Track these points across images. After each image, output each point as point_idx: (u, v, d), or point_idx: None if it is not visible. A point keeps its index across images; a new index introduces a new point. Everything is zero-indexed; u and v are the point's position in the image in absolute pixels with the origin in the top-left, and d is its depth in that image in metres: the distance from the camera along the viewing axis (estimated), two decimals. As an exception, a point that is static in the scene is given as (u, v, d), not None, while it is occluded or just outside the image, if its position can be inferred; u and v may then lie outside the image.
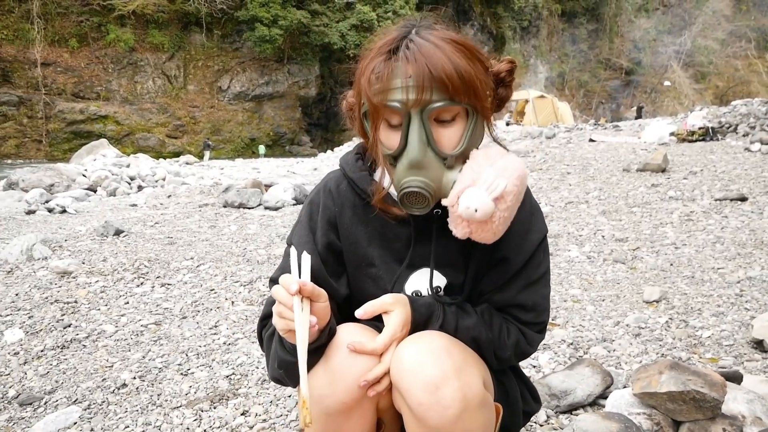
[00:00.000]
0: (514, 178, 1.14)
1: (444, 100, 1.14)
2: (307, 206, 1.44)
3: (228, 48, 41.83)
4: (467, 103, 1.16)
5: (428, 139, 1.16)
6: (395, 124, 1.20)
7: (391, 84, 1.14)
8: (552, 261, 3.99)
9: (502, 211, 1.14)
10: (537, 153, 10.02)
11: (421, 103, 1.13)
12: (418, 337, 1.25)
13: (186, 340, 2.82)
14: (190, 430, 1.98)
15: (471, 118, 1.20)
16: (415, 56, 1.13)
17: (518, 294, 1.34)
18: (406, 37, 1.17)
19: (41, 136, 35.35)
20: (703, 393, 1.58)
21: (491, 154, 1.19)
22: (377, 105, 1.17)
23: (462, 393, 1.14)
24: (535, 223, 1.35)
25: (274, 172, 14.99)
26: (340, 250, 1.39)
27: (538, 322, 1.38)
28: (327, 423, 1.25)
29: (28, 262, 4.24)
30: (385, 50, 1.17)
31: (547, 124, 22.47)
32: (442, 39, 1.16)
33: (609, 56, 59.92)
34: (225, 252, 4.54)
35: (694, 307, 2.97)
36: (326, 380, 1.21)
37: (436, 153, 1.17)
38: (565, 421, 1.91)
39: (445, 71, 1.12)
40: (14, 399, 2.27)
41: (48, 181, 10.61)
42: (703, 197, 5.68)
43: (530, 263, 1.33)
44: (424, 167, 1.17)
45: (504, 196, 1.13)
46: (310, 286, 1.11)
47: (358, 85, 1.22)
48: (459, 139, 1.19)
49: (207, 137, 36.96)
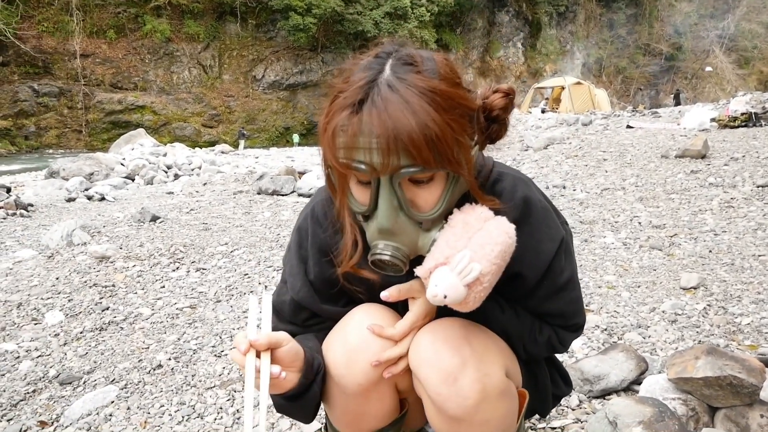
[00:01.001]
0: (493, 257, 1.05)
1: (414, 166, 1.00)
2: (296, 233, 1.36)
3: (262, 37, 42.01)
4: (440, 169, 1.03)
5: (400, 204, 1.05)
6: (365, 182, 1.07)
7: (357, 142, 0.99)
8: (587, 247, 3.94)
9: (477, 293, 1.06)
10: (573, 140, 9.88)
11: (389, 169, 1.00)
12: (437, 324, 1.21)
13: (220, 323, 2.86)
14: (223, 409, 2.01)
15: (451, 177, 1.07)
16: (380, 115, 0.97)
17: (542, 303, 1.27)
18: (374, 85, 1.01)
19: (81, 126, 36.04)
20: (740, 378, 1.54)
21: (470, 222, 1.08)
22: (342, 166, 1.03)
23: (481, 384, 1.12)
24: (546, 231, 1.23)
25: (308, 161, 15.06)
26: (336, 279, 1.28)
27: (570, 325, 1.32)
28: (347, 404, 1.25)
29: (68, 247, 4.34)
30: (350, 102, 1.01)
31: (584, 111, 22.13)
32: (415, 90, 0.99)
33: (648, 41, 58.60)
34: (259, 238, 4.59)
35: (733, 294, 2.90)
36: (344, 361, 1.21)
37: (409, 217, 1.07)
38: (598, 406, 1.89)
39: (412, 139, 0.97)
40: (55, 378, 2.33)
41: (88, 170, 10.84)
42: (745, 184, 5.53)
43: (550, 273, 1.23)
44: (396, 233, 1.07)
45: (480, 279, 1.04)
46: (264, 341, 1.05)
47: (322, 142, 1.06)
48: (437, 200, 1.08)
49: (242, 126, 37.26)
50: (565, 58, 52.97)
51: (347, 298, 1.36)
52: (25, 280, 3.54)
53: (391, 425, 1.35)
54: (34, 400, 2.18)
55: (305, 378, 1.16)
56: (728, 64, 56.67)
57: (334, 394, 1.24)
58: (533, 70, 49.40)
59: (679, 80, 56.70)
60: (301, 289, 1.32)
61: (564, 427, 1.78)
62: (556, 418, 1.83)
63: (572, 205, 5.30)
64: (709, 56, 56.95)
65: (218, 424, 1.91)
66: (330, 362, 1.23)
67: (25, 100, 34.62)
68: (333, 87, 1.08)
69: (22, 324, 2.89)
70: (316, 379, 1.19)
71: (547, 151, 8.91)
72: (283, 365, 1.09)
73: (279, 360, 1.09)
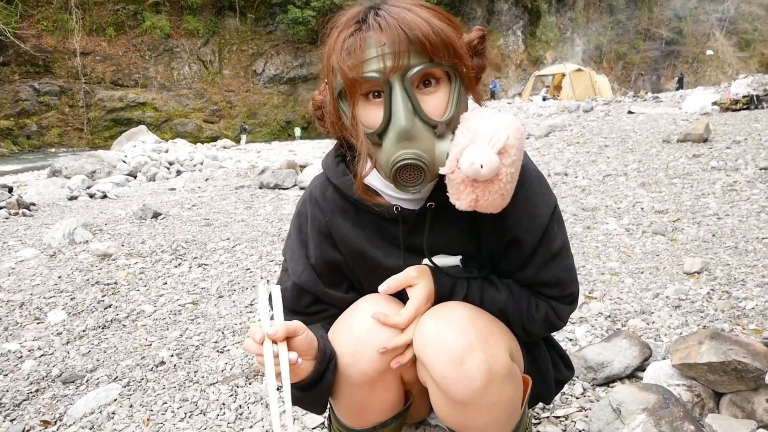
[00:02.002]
0: (514, 130, 1.06)
1: (424, 62, 1.06)
2: (296, 218, 1.38)
3: (262, 31, 41.94)
4: (448, 63, 1.08)
5: (414, 107, 1.07)
6: (375, 99, 1.10)
7: (365, 55, 1.05)
8: (589, 234, 3.92)
9: (507, 167, 1.05)
10: (574, 127, 9.84)
11: (400, 69, 1.05)
12: (441, 308, 1.22)
13: (222, 318, 2.85)
14: (225, 405, 2.00)
15: (454, 82, 1.12)
16: (387, 21, 1.05)
17: (539, 271, 1.27)
18: (371, 9, 1.09)
19: (82, 124, 36.07)
20: (745, 363, 1.53)
21: (483, 114, 1.10)
22: (353, 80, 1.07)
23: (487, 365, 1.12)
24: (541, 197, 1.25)
25: (310, 154, 15.04)
26: (337, 260, 1.33)
27: (566, 295, 1.32)
28: (352, 393, 1.25)
29: (70, 245, 4.34)
30: (352, 22, 1.08)
31: (585, 97, 22.06)
32: (412, 3, 1.09)
33: (648, 26, 58.26)
34: (260, 232, 4.58)
35: (737, 278, 2.89)
36: (350, 350, 1.21)
37: (424, 121, 1.08)
38: (601, 394, 1.88)
39: (422, 31, 1.04)
40: (57, 377, 2.33)
41: (90, 168, 10.84)
42: (747, 166, 5.50)
43: (545, 239, 1.25)
44: (415, 138, 1.07)
45: (507, 149, 1.05)
46: (281, 330, 1.05)
47: (328, 65, 1.12)
48: (446, 105, 1.11)
49: (243, 121, 37.28)
50: (566, 45, 52.73)
51: (348, 283, 1.37)
52: (28, 280, 3.54)
53: (395, 417, 1.35)
54: (37, 399, 2.18)
55: (320, 365, 1.17)
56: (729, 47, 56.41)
57: (340, 383, 1.24)
58: (534, 58, 49.17)
59: (680, 64, 56.43)
60: (303, 272, 1.33)
61: (568, 415, 1.77)
62: (560, 406, 1.82)
63: (574, 192, 5.28)
64: (710, 39, 56.68)
65: (221, 420, 1.91)
66: (336, 352, 1.23)
67: (27, 99, 34.66)
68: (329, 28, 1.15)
69: (25, 323, 2.89)
70: (329, 367, 1.20)
71: (549, 138, 8.88)
72: (298, 353, 1.09)
73: (295, 349, 1.09)
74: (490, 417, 1.17)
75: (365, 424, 1.33)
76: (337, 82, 1.12)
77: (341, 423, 1.36)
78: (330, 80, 1.15)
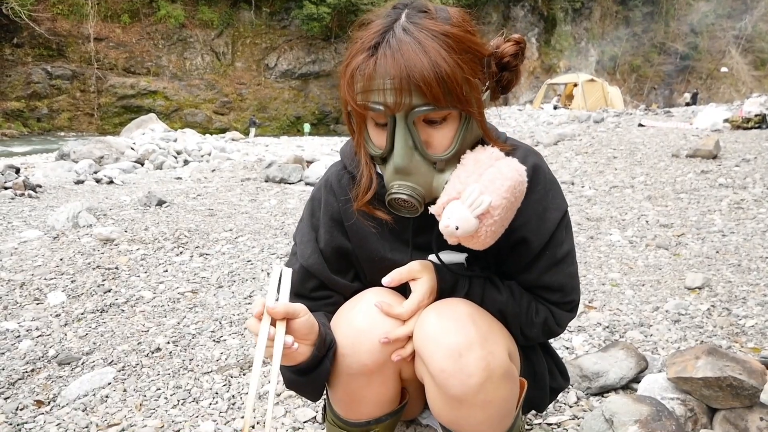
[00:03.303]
0: (503, 191, 1.07)
1: (427, 104, 1.05)
2: (309, 203, 1.41)
3: (276, 26, 42.00)
4: (451, 107, 1.07)
5: (415, 144, 1.09)
6: (381, 124, 1.12)
7: (373, 84, 1.06)
8: (593, 244, 3.91)
9: (488, 226, 1.08)
10: (583, 137, 9.82)
11: (403, 107, 1.05)
12: (443, 304, 1.22)
13: (221, 308, 2.85)
14: (219, 394, 2.00)
15: (463, 119, 1.11)
16: (395, 56, 1.03)
17: (543, 275, 1.28)
18: (390, 30, 1.07)
19: (93, 109, 36.19)
20: (740, 380, 1.52)
21: (481, 160, 1.11)
22: (360, 107, 1.10)
23: (485, 362, 1.12)
24: (552, 200, 1.27)
25: (318, 150, 15.05)
26: (346, 248, 1.34)
27: (567, 302, 1.33)
28: (349, 383, 1.25)
29: (73, 229, 4.35)
30: (367, 46, 1.08)
31: (596, 108, 22.00)
32: (428, 33, 1.05)
33: (664, 40, 58.12)
34: (263, 225, 4.58)
35: (738, 295, 2.87)
36: (350, 341, 1.21)
37: (424, 157, 1.11)
38: (595, 403, 1.87)
39: (424, 78, 1.02)
40: (54, 358, 2.33)
41: (98, 153, 10.88)
42: (756, 185, 5.48)
43: (552, 243, 1.26)
44: (412, 172, 1.11)
45: (490, 212, 1.06)
46: (282, 309, 1.06)
47: (342, 85, 1.13)
48: (451, 141, 1.12)
49: (253, 114, 37.32)
50: (580, 55, 52.66)
51: (355, 272, 1.39)
52: (30, 260, 3.54)
53: (390, 414, 1.36)
54: (32, 379, 2.18)
55: (318, 351, 1.17)
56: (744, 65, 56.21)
57: (338, 373, 1.25)
58: (547, 66, 49.14)
59: (693, 80, 56.25)
60: (310, 255, 1.34)
61: (561, 423, 1.76)
62: (553, 414, 1.82)
63: (580, 202, 5.27)
64: (725, 57, 56.48)
65: (213, 408, 1.91)
66: (336, 341, 1.24)
67: (38, 82, 34.81)
68: (354, 36, 1.14)
69: (25, 303, 2.90)
70: (328, 354, 1.20)
71: (557, 147, 8.86)
72: (297, 337, 1.10)
73: (294, 331, 1.10)
74: (483, 415, 1.17)
75: (359, 417, 1.33)
76: (348, 105, 1.14)
77: (336, 414, 1.36)
78: (342, 99, 1.16)
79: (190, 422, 1.83)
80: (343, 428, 1.36)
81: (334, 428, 1.38)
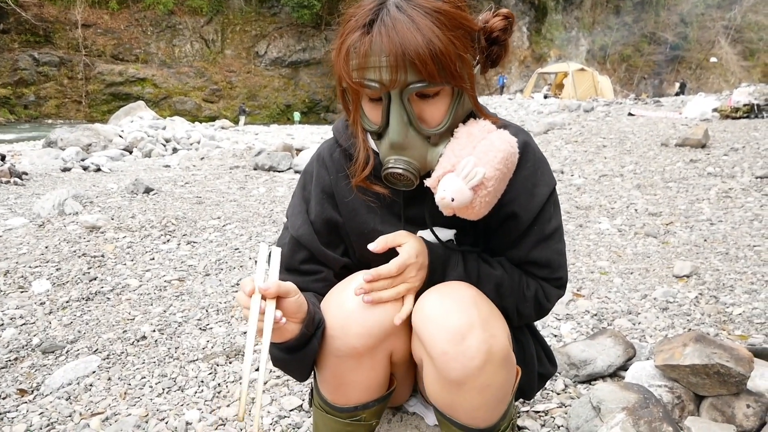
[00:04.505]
0: (496, 163, 1.09)
1: (422, 81, 1.06)
2: (301, 177, 1.42)
3: (266, 13, 41.70)
4: (445, 83, 1.09)
5: (410, 120, 1.11)
6: (376, 99, 1.14)
7: (368, 62, 1.07)
8: (582, 232, 3.91)
9: (482, 197, 1.10)
10: (573, 126, 9.82)
11: (398, 84, 1.06)
12: (444, 286, 1.22)
13: (207, 296, 2.83)
14: (204, 383, 1.99)
15: (456, 94, 1.13)
16: (389, 33, 1.04)
17: (531, 251, 1.29)
18: (383, 7, 1.08)
19: (81, 97, 35.88)
20: (728, 367, 1.51)
21: (474, 133, 1.13)
22: (355, 84, 1.10)
23: (487, 345, 1.12)
24: (541, 176, 1.28)
25: (308, 139, 15.00)
26: (336, 221, 1.35)
27: (555, 278, 1.33)
28: (337, 366, 1.25)
29: (59, 216, 4.31)
30: (361, 23, 1.08)
31: (587, 97, 22.04)
32: (420, 10, 1.06)
33: (654, 30, 58.13)
34: (252, 213, 4.55)
35: (726, 283, 2.88)
36: (339, 323, 1.21)
37: (418, 132, 1.13)
38: (583, 391, 1.87)
39: (419, 54, 1.03)
40: (38, 347, 2.31)
41: (86, 141, 10.79)
42: (744, 174, 5.50)
43: (540, 218, 1.27)
44: (407, 147, 1.13)
45: (484, 183, 1.09)
46: (274, 288, 1.06)
47: (337, 62, 1.14)
48: (443, 115, 1.13)
49: (243, 102, 37.12)
50: (570, 44, 52.62)
51: (344, 248, 1.39)
52: (14, 248, 3.50)
53: (378, 401, 1.35)
54: (16, 368, 2.15)
55: (306, 329, 1.16)
56: (733, 55, 56.39)
57: (326, 355, 1.24)
58: (537, 55, 49.09)
59: (683, 70, 56.40)
60: (301, 226, 1.35)
61: (548, 410, 1.76)
62: (541, 401, 1.81)
63: (569, 191, 5.27)
64: (715, 47, 56.64)
65: (198, 397, 1.89)
66: (326, 323, 1.23)
67: (25, 68, 34.44)
68: (346, 13, 1.15)
69: (9, 291, 2.86)
70: (316, 334, 1.20)
71: (547, 135, 8.86)
72: (286, 315, 1.10)
73: (283, 309, 1.09)
74: (481, 399, 1.17)
75: (347, 403, 1.32)
76: (343, 82, 1.15)
77: (323, 398, 1.35)
78: (337, 76, 1.17)
79: (174, 411, 1.81)
80: (330, 413, 1.35)
81: (321, 413, 1.37)
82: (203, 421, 1.74)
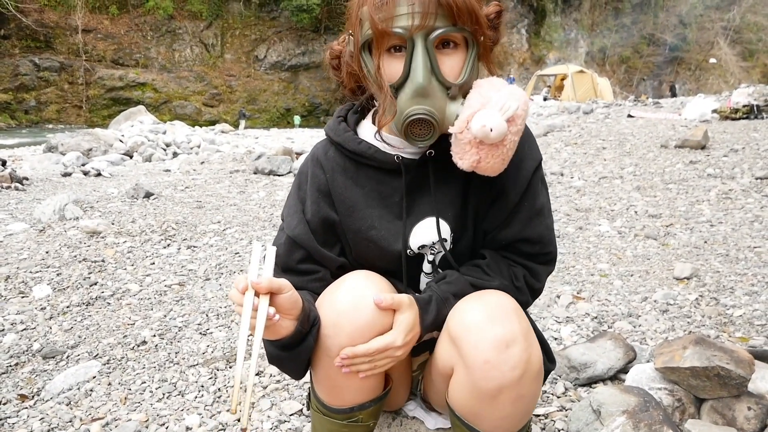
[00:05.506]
0: (522, 102, 1.13)
1: (448, 26, 1.11)
2: (297, 177, 1.42)
3: (265, 17, 41.71)
4: (470, 28, 1.14)
5: (432, 67, 1.13)
6: (397, 54, 1.16)
7: (396, 11, 1.10)
8: (581, 234, 3.91)
9: (512, 135, 1.13)
10: (573, 127, 9.82)
11: (425, 29, 1.10)
12: (486, 294, 1.24)
13: (207, 301, 2.83)
14: (204, 387, 1.99)
15: (471, 49, 1.18)
16: None
17: (523, 228, 1.32)
18: None
19: (81, 101, 35.89)
20: (728, 369, 1.51)
21: (495, 83, 1.17)
22: (382, 32, 1.13)
23: (528, 355, 1.13)
24: (528, 151, 1.31)
25: (307, 142, 14.98)
26: (333, 220, 1.35)
27: (545, 253, 1.36)
28: (329, 367, 1.24)
29: (59, 221, 4.31)
30: None
31: (586, 99, 22.03)
32: None
33: (653, 32, 58.11)
34: (252, 217, 4.55)
35: (726, 285, 2.88)
36: (331, 322, 1.21)
37: (440, 81, 1.15)
38: (583, 394, 1.87)
39: None
40: (38, 352, 2.31)
41: (86, 146, 10.79)
42: (744, 175, 5.49)
43: (529, 193, 1.30)
44: (429, 95, 1.14)
45: (515, 118, 1.12)
46: (266, 283, 1.06)
47: (357, 15, 1.18)
48: (461, 69, 1.17)
49: (243, 106, 37.12)
50: (569, 46, 52.62)
51: (341, 247, 1.39)
52: (15, 253, 3.51)
53: (374, 401, 1.35)
54: (16, 373, 2.16)
55: (301, 326, 1.16)
56: (732, 56, 56.39)
57: (320, 355, 1.24)
58: (536, 57, 49.08)
59: (682, 71, 56.40)
60: (297, 226, 1.35)
61: (548, 414, 1.76)
62: (541, 405, 1.81)
63: (569, 193, 5.27)
64: (714, 48, 56.64)
65: (198, 402, 1.89)
66: (321, 322, 1.23)
67: (26, 74, 34.47)
68: None
69: (9, 297, 2.87)
70: (311, 331, 1.20)
71: (547, 138, 8.85)
72: (280, 311, 1.10)
73: (277, 306, 1.09)
74: (511, 409, 1.17)
75: (343, 404, 1.32)
76: (363, 34, 1.18)
77: (319, 400, 1.35)
78: (356, 31, 1.20)
79: (175, 416, 1.81)
80: (327, 415, 1.35)
81: (319, 416, 1.37)
82: (203, 426, 1.74)
